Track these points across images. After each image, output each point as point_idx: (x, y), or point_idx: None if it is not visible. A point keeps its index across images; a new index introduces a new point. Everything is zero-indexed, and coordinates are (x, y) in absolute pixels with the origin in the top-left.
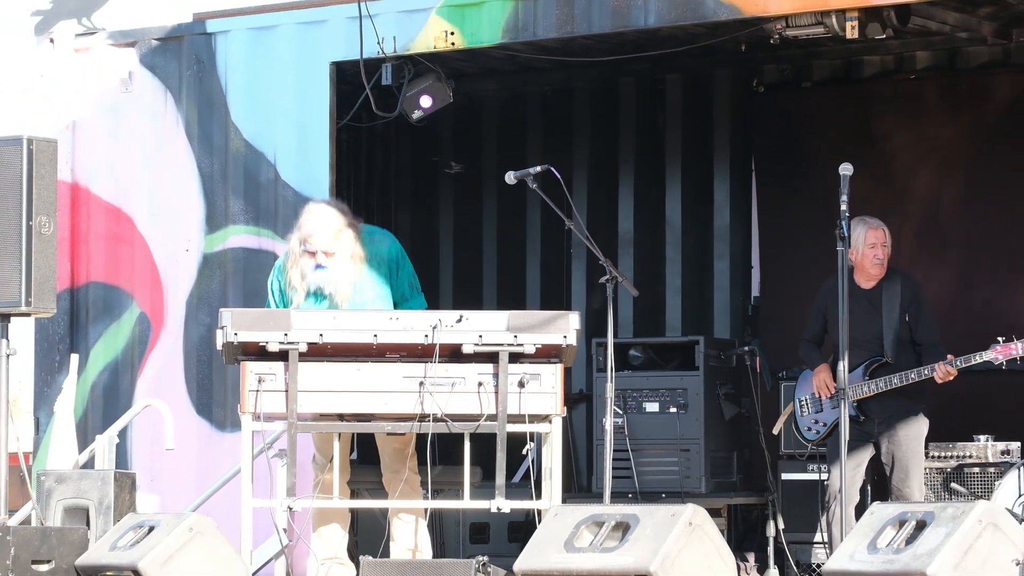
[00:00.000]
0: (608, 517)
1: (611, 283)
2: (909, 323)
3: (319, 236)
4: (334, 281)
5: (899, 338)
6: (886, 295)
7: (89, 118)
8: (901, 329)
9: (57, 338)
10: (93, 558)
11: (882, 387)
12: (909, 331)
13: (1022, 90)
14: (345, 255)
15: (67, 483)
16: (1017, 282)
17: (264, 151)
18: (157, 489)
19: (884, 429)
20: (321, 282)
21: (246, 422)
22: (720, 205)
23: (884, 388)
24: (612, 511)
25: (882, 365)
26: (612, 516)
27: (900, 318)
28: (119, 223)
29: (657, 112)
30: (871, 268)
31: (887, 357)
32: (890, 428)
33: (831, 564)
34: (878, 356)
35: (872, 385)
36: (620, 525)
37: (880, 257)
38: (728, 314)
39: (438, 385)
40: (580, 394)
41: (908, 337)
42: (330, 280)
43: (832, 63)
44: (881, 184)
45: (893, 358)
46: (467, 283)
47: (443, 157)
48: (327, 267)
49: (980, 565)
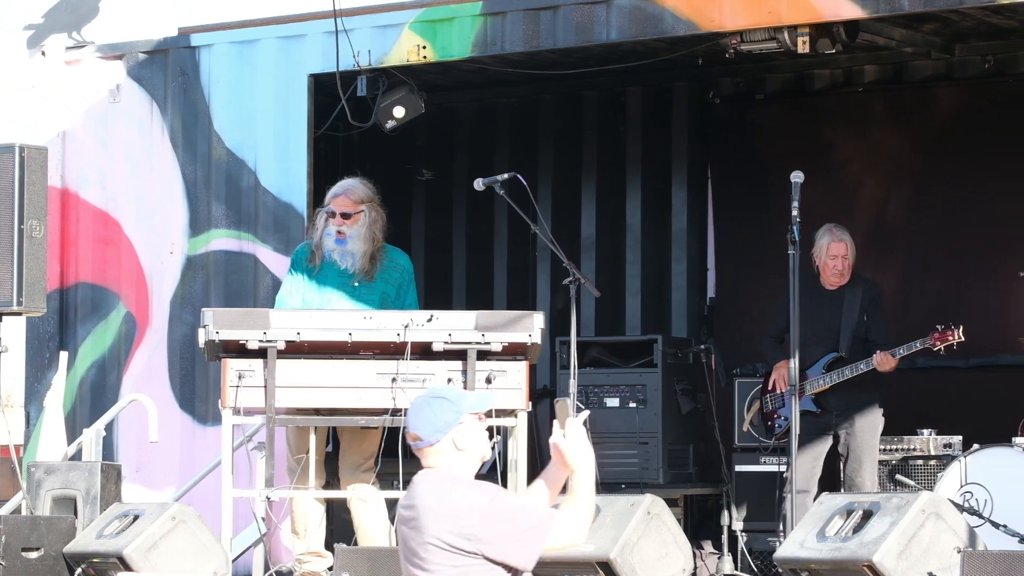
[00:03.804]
0: None
1: (574, 284)
2: (867, 323)
3: (343, 198)
4: (350, 252)
5: (855, 336)
6: (848, 296)
7: (79, 127)
8: (858, 328)
9: (47, 336)
10: (80, 546)
11: (835, 379)
12: (866, 330)
13: (964, 102)
14: (363, 229)
15: (56, 474)
16: (959, 284)
17: (245, 159)
18: (142, 480)
19: (842, 421)
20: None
21: (227, 416)
22: (678, 210)
23: (837, 380)
24: None
25: (838, 360)
26: None
27: (859, 318)
28: (107, 227)
29: (618, 123)
30: (831, 277)
31: (843, 352)
32: (847, 420)
33: (782, 551)
34: (834, 351)
35: (827, 378)
36: None
37: (840, 268)
38: (685, 314)
39: (409, 381)
40: (544, 390)
41: (864, 336)
42: (346, 251)
43: (784, 76)
44: (831, 191)
45: (848, 353)
46: (438, 284)
47: (415, 165)
48: (345, 239)
49: (923, 553)
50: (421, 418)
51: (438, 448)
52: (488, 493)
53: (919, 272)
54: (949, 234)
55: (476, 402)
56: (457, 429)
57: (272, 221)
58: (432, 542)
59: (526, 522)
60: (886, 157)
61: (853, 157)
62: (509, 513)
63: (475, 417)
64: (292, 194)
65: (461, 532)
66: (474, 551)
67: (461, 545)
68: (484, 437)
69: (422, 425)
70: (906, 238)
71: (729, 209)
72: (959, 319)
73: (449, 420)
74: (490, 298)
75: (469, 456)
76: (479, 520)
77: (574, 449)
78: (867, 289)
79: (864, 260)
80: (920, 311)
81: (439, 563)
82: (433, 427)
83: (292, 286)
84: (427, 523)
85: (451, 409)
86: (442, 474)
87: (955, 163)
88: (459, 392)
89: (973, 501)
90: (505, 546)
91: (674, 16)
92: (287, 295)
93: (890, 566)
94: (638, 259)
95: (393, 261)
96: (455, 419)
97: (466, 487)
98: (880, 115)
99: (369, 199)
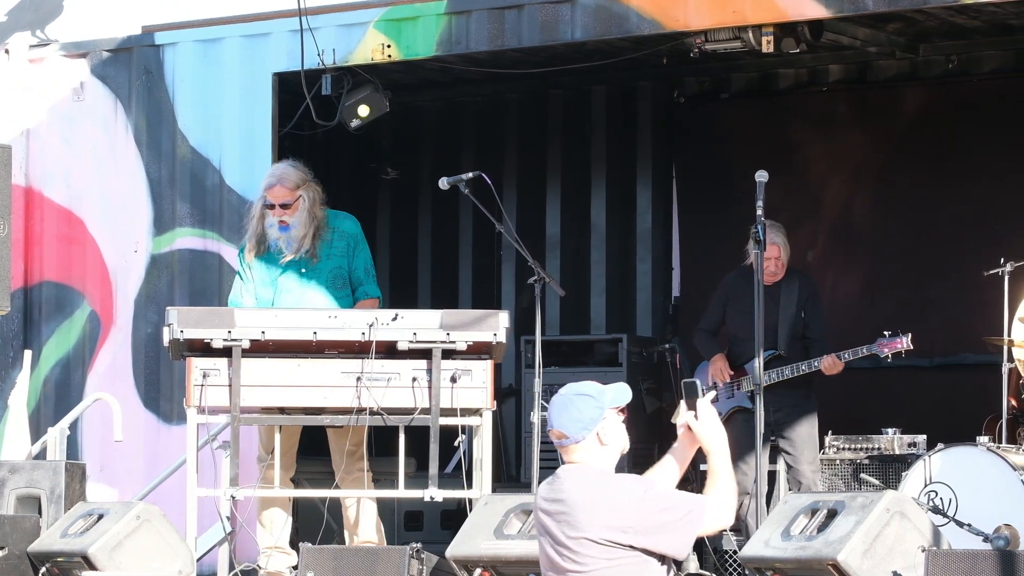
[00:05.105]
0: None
1: (539, 283)
2: (804, 319)
3: (278, 188)
4: (295, 238)
5: (793, 333)
6: (784, 292)
7: (43, 125)
8: (796, 324)
9: (11, 335)
10: (45, 545)
11: (775, 378)
12: (803, 327)
13: (929, 101)
14: (304, 213)
15: (20, 473)
16: (924, 283)
17: (210, 157)
18: (106, 479)
19: (779, 417)
20: (281, 241)
21: (191, 415)
22: (642, 210)
23: (778, 379)
24: None
25: (776, 357)
26: None
27: (796, 314)
28: (71, 225)
29: (583, 122)
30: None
31: (781, 350)
32: (784, 415)
33: (747, 550)
34: (772, 348)
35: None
36: None
37: (773, 269)
38: (650, 313)
39: (374, 380)
40: (509, 389)
41: (801, 332)
42: (291, 237)
43: (749, 76)
44: (795, 190)
45: (786, 351)
46: (403, 283)
47: (380, 164)
48: (288, 226)
49: (888, 551)
50: (566, 416)
51: (584, 445)
52: (641, 485)
53: (884, 271)
54: (914, 233)
55: (617, 396)
56: (601, 425)
57: (237, 220)
58: (588, 537)
59: (681, 511)
60: (850, 157)
61: (818, 157)
62: (664, 503)
63: (616, 411)
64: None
65: (618, 526)
66: (630, 543)
67: (617, 539)
68: (624, 431)
69: (568, 423)
70: (871, 237)
71: (694, 208)
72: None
73: (594, 416)
74: (455, 297)
75: (612, 450)
76: (636, 513)
77: (708, 430)
78: (803, 285)
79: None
80: (884, 310)
81: (593, 556)
82: (579, 424)
83: (241, 287)
84: (581, 518)
85: (594, 405)
86: (589, 468)
87: (920, 163)
88: (599, 387)
89: (938, 500)
90: (662, 536)
91: (639, 15)
92: (238, 297)
93: (855, 565)
94: (603, 258)
95: (336, 230)
96: (599, 415)
97: (618, 481)
98: (844, 115)
99: (303, 181)
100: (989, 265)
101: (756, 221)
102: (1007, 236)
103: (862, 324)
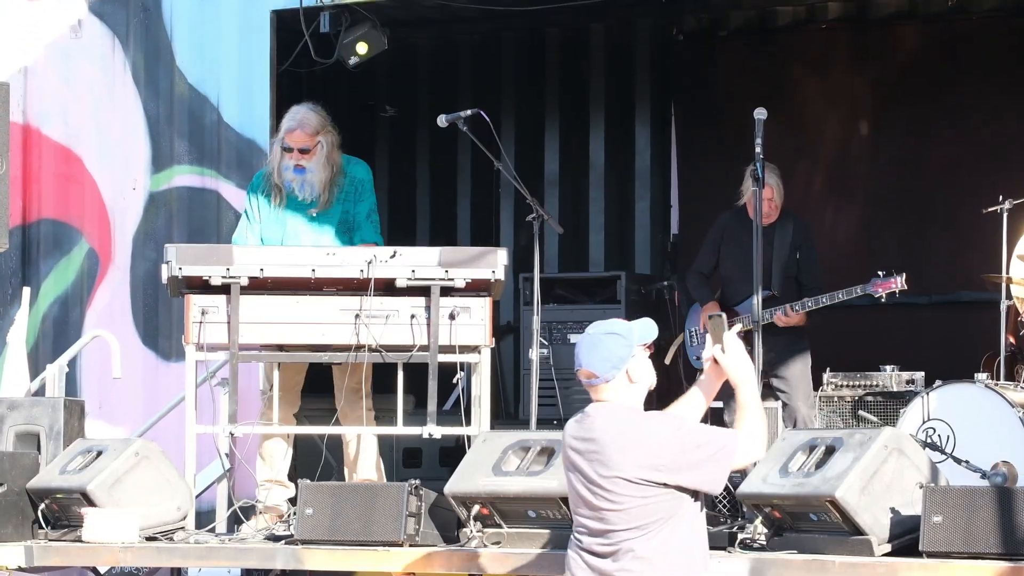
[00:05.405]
0: (534, 443)
1: (537, 221)
2: (799, 261)
3: (298, 133)
4: (310, 183)
5: (786, 274)
6: (779, 233)
7: (40, 63)
8: (789, 265)
9: (9, 272)
10: (44, 481)
11: (767, 317)
12: (797, 268)
13: (927, 40)
14: (322, 158)
15: (19, 410)
16: (922, 221)
17: (208, 95)
18: (105, 416)
19: (771, 357)
20: (295, 183)
21: (190, 352)
22: (641, 148)
23: (769, 319)
24: (538, 437)
25: (770, 298)
26: (538, 442)
27: (790, 255)
28: (69, 163)
29: (581, 60)
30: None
31: (774, 290)
32: (776, 355)
33: (745, 487)
34: (767, 289)
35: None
36: (545, 450)
37: (767, 210)
38: (648, 251)
39: (373, 317)
40: (508, 326)
41: (795, 273)
42: (306, 181)
43: (747, 13)
44: (793, 129)
45: (780, 291)
46: (401, 220)
47: (379, 101)
48: (304, 169)
49: (886, 488)
50: (595, 355)
51: (614, 384)
52: (673, 423)
53: (881, 209)
54: (911, 172)
55: (644, 333)
56: (630, 363)
57: (235, 157)
58: (622, 476)
59: (713, 446)
60: (848, 95)
61: (815, 95)
62: (697, 439)
63: (643, 348)
64: (255, 130)
65: (652, 464)
66: (664, 481)
67: (651, 477)
68: (651, 367)
69: (597, 362)
70: (868, 176)
71: (692, 146)
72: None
73: (623, 355)
74: (454, 235)
75: (640, 387)
76: (670, 450)
77: (736, 364)
78: (798, 228)
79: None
80: (882, 247)
81: (628, 495)
82: (609, 363)
83: (247, 227)
84: (613, 456)
85: (623, 344)
86: (619, 407)
87: (918, 101)
88: (627, 325)
89: (935, 437)
90: (696, 473)
91: None
92: (242, 237)
93: (852, 502)
94: (601, 196)
95: (348, 175)
96: (628, 353)
97: (650, 419)
98: (843, 53)
99: (323, 127)
100: (987, 203)
101: (755, 158)
102: (1005, 174)
103: (860, 262)
